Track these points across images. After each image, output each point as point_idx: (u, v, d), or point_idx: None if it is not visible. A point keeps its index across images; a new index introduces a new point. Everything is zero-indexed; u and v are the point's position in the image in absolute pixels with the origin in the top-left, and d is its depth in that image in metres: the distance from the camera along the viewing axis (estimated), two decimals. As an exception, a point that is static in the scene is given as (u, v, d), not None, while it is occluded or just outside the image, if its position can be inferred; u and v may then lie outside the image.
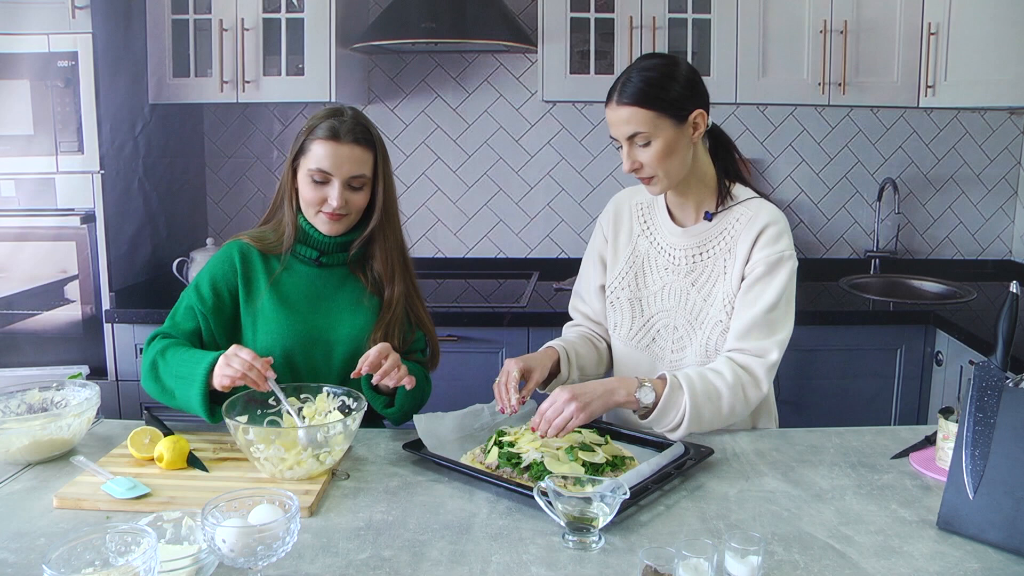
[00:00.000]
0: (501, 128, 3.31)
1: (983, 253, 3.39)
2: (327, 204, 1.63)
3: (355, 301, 1.73)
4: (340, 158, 1.62)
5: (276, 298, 1.69)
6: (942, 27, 2.82)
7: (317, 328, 1.69)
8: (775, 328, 1.61)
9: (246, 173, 3.33)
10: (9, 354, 2.70)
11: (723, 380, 1.57)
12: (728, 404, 1.57)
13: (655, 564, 1.09)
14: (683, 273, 1.70)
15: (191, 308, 1.68)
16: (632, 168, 1.61)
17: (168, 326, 1.68)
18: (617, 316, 1.78)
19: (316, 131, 1.63)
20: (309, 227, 1.69)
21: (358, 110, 1.70)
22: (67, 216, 2.68)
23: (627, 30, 2.88)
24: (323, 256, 1.72)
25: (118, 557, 1.03)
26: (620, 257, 1.78)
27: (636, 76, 1.57)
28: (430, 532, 1.26)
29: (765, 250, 1.61)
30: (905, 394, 2.77)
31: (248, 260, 1.70)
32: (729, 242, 1.66)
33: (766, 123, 3.27)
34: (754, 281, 1.62)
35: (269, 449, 1.39)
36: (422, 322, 1.78)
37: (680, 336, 1.70)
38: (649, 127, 1.56)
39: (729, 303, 1.64)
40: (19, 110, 2.60)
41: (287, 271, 1.71)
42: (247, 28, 2.84)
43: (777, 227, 1.62)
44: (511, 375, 1.60)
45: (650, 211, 1.77)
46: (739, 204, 1.67)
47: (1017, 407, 1.22)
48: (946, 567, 1.17)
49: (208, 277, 1.70)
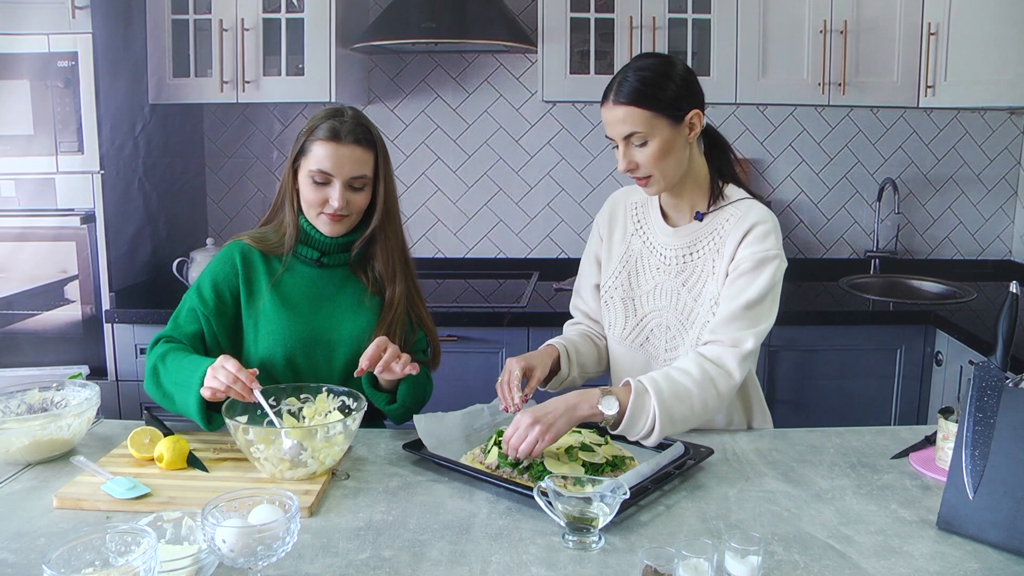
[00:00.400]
0: (501, 128, 3.31)
1: (983, 253, 3.39)
2: (328, 205, 1.63)
3: (356, 302, 1.73)
4: (341, 159, 1.61)
5: (277, 299, 1.69)
6: (942, 27, 2.82)
7: (319, 329, 1.69)
8: (754, 322, 1.58)
9: (246, 173, 3.33)
10: (9, 354, 2.70)
11: (690, 377, 1.53)
12: (700, 401, 1.52)
13: (655, 564, 1.09)
14: (674, 273, 1.70)
15: (193, 310, 1.68)
16: (628, 168, 1.60)
17: (171, 329, 1.68)
18: (611, 315, 1.78)
19: (316, 132, 1.63)
20: (310, 228, 1.69)
21: (358, 110, 1.69)
22: (67, 216, 2.68)
23: (627, 30, 2.88)
24: (324, 256, 1.72)
25: (118, 557, 1.03)
26: (614, 256, 1.78)
27: (632, 76, 1.56)
28: (430, 532, 1.26)
29: (751, 248, 1.60)
30: (905, 394, 2.77)
31: (249, 261, 1.71)
32: (718, 242, 1.65)
33: (766, 123, 3.27)
34: (737, 277, 1.60)
35: (269, 449, 1.39)
36: (423, 322, 1.78)
37: (673, 336, 1.70)
38: (645, 127, 1.56)
39: (717, 302, 1.63)
40: (19, 110, 2.60)
41: (288, 272, 1.71)
42: (247, 28, 2.84)
43: (765, 226, 1.61)
44: (513, 374, 1.59)
45: (644, 211, 1.77)
46: (730, 204, 1.67)
47: (1017, 407, 1.22)
48: (946, 567, 1.17)
49: (210, 278, 1.70)
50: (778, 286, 1.61)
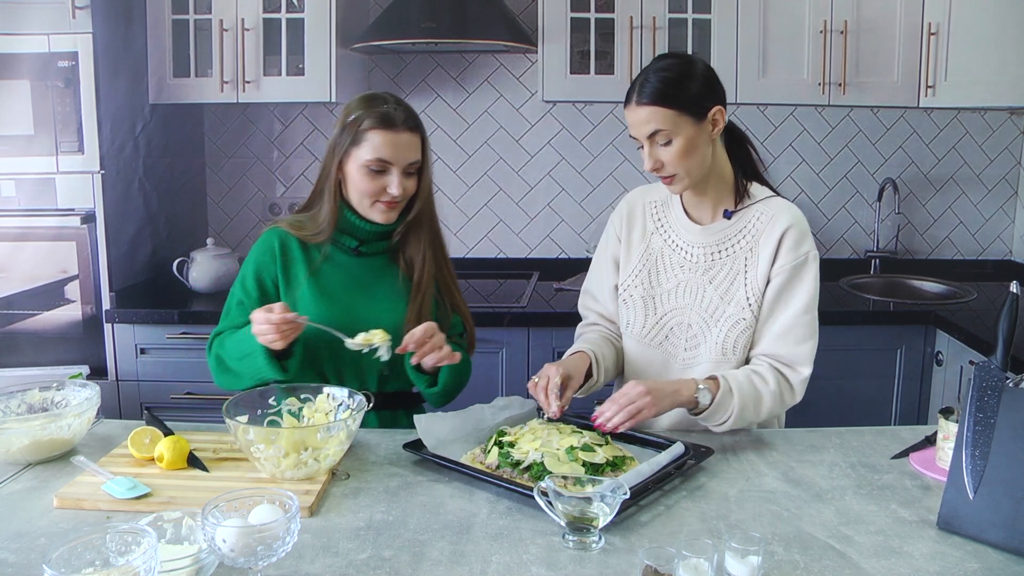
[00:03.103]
0: (501, 128, 3.31)
1: (983, 253, 3.39)
2: (386, 193, 1.64)
3: (394, 289, 1.75)
4: (399, 146, 1.63)
5: (316, 288, 1.69)
6: (942, 27, 2.82)
7: (359, 318, 1.68)
8: (808, 333, 1.65)
9: (246, 173, 3.33)
10: (9, 354, 2.70)
11: (767, 387, 1.62)
12: (768, 408, 1.63)
13: (655, 564, 1.09)
14: (701, 271, 1.71)
15: (241, 303, 1.70)
16: (654, 167, 1.62)
17: (224, 325, 1.71)
18: (630, 314, 1.78)
19: (368, 121, 1.62)
20: (353, 216, 1.70)
21: (396, 95, 1.70)
22: (67, 216, 2.68)
23: (627, 30, 2.88)
24: (363, 245, 1.73)
25: (118, 557, 1.03)
26: (633, 255, 1.79)
27: (654, 76, 1.59)
28: (430, 532, 1.26)
29: (791, 254, 1.65)
30: (905, 394, 2.77)
31: (287, 248, 1.71)
32: (750, 240, 1.68)
33: (766, 123, 3.27)
34: (782, 285, 1.65)
35: (269, 449, 1.39)
36: (458, 307, 1.81)
37: (694, 334, 1.71)
38: (669, 125, 1.58)
39: (755, 302, 1.66)
40: (19, 110, 2.60)
41: (327, 261, 1.71)
42: (247, 28, 2.84)
43: (799, 229, 1.66)
44: (553, 381, 1.60)
45: (664, 209, 1.78)
46: (758, 202, 1.69)
47: (1017, 407, 1.22)
48: (946, 567, 1.17)
49: (252, 270, 1.72)
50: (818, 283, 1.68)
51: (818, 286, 1.67)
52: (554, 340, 2.70)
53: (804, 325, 1.65)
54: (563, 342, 2.70)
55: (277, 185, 3.33)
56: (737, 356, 1.68)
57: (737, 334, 1.67)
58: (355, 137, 1.63)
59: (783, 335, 1.65)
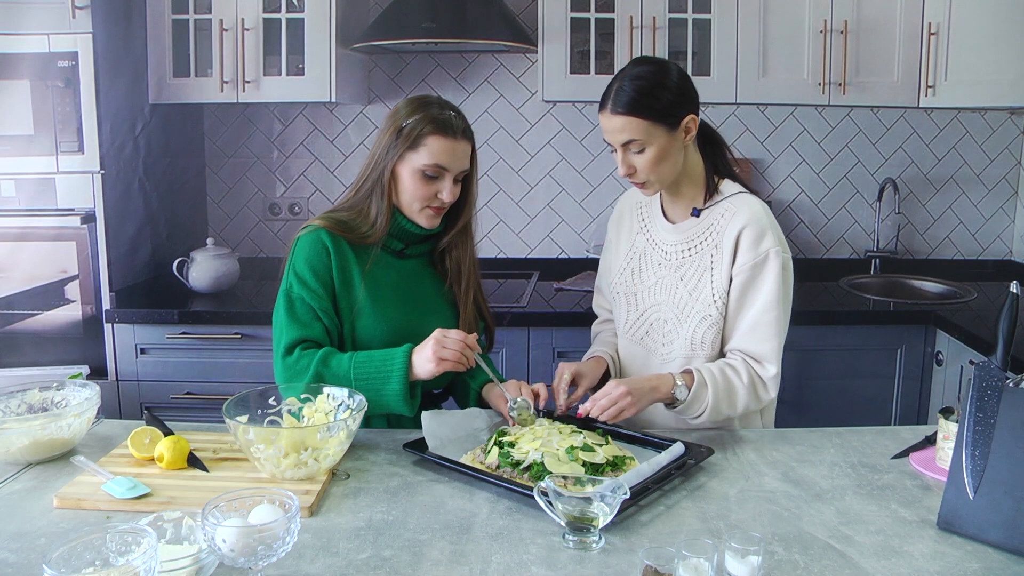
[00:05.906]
0: (501, 128, 3.31)
1: (983, 253, 3.39)
2: (436, 199, 1.65)
3: (436, 292, 1.77)
4: (456, 154, 1.64)
5: (372, 291, 1.68)
6: (942, 27, 2.82)
7: (411, 322, 1.69)
8: (772, 331, 1.65)
9: (246, 173, 3.33)
10: (9, 354, 2.70)
11: (740, 380, 1.64)
12: (743, 402, 1.65)
13: (655, 564, 1.09)
14: (674, 268, 1.74)
15: (312, 309, 1.64)
16: (627, 173, 1.66)
17: (300, 334, 1.62)
18: (618, 311, 1.85)
19: (429, 126, 1.62)
20: (404, 220, 1.69)
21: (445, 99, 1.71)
22: (67, 216, 2.68)
23: (627, 30, 2.87)
24: (407, 248, 1.74)
25: (118, 557, 1.03)
26: (620, 254, 1.85)
27: (628, 84, 1.60)
28: (430, 532, 1.26)
29: (749, 253, 1.65)
30: (905, 394, 2.77)
31: (340, 248, 1.66)
32: (715, 237, 1.69)
33: (766, 123, 3.27)
34: (744, 284, 1.66)
35: (269, 449, 1.39)
36: (482, 311, 1.83)
37: (669, 330, 1.74)
38: (643, 135, 1.60)
39: (720, 299, 1.67)
40: (19, 110, 2.60)
41: (376, 263, 1.70)
42: (247, 28, 2.84)
43: (756, 227, 1.65)
44: (563, 377, 1.68)
45: (648, 209, 1.83)
46: (725, 199, 1.71)
47: (1017, 407, 1.22)
48: (946, 567, 1.17)
49: (308, 268, 1.64)
50: (786, 279, 1.67)
51: (784, 283, 1.66)
52: (554, 340, 2.70)
53: (768, 323, 1.65)
54: (563, 342, 2.72)
55: (277, 185, 3.33)
56: (706, 352, 1.69)
57: (704, 330, 1.68)
58: (413, 142, 1.63)
59: (750, 332, 1.66)
